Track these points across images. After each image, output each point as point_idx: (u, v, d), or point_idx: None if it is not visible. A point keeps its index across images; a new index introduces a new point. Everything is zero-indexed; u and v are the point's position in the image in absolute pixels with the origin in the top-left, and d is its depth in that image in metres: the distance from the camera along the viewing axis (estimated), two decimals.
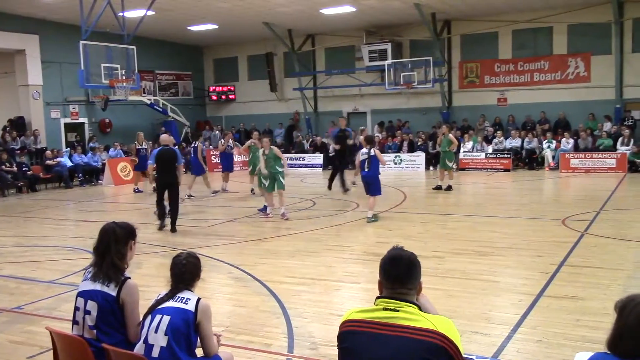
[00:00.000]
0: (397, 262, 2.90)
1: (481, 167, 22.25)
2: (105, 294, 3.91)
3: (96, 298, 3.91)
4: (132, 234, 4.16)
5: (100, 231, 4.10)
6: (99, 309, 3.89)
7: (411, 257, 2.92)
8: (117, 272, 3.98)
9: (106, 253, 4.00)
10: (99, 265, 4.01)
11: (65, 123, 24.83)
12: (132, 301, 3.95)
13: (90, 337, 3.89)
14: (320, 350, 5.38)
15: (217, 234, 11.47)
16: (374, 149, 11.99)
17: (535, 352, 5.24)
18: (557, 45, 23.69)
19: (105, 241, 4.03)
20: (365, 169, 11.91)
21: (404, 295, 2.83)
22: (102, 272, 3.97)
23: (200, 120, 30.91)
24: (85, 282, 4.03)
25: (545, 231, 10.59)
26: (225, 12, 22.82)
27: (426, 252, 8.96)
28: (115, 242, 4.02)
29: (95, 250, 4.07)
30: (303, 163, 25.59)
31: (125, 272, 4.03)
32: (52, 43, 23.20)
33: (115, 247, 4.01)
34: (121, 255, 4.03)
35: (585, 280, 7.19)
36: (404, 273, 2.87)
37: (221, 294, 7.49)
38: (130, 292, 3.94)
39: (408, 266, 2.89)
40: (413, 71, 24.39)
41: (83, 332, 3.92)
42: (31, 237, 11.83)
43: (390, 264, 2.90)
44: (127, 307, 3.94)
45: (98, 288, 3.94)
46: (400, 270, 2.87)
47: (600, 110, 22.66)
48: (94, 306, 3.90)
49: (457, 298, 6.81)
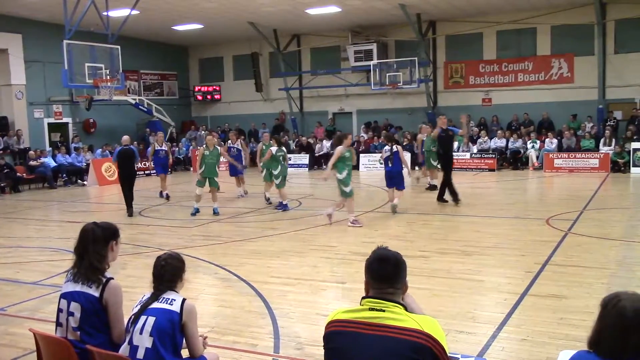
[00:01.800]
0: (383, 262, 2.90)
1: (466, 167, 22.36)
2: (87, 295, 3.87)
3: (79, 299, 3.87)
4: (114, 235, 4.10)
5: (80, 231, 4.06)
6: (82, 310, 3.85)
7: (397, 256, 2.94)
8: (96, 272, 3.92)
9: (84, 254, 3.95)
10: (78, 266, 3.97)
11: (49, 123, 24.60)
12: (115, 302, 3.92)
13: (74, 338, 3.86)
14: (306, 350, 5.38)
15: (202, 234, 11.43)
16: (397, 146, 13.03)
17: (519, 350, 5.29)
18: (541, 46, 23.89)
19: (84, 242, 3.99)
20: (389, 165, 12.85)
21: (390, 295, 2.84)
22: (81, 273, 3.93)
23: (186, 120, 30.78)
24: (67, 283, 3.99)
25: (529, 231, 10.67)
26: (210, 12, 22.75)
27: (412, 252, 9.00)
28: (93, 243, 3.96)
29: (75, 250, 4.03)
30: (289, 163, 25.49)
31: (106, 273, 3.97)
32: (36, 42, 22.98)
33: (93, 247, 3.95)
34: (100, 257, 3.97)
35: (569, 279, 7.25)
36: (391, 273, 2.88)
37: (207, 295, 7.46)
38: (113, 292, 3.91)
39: (395, 266, 2.90)
40: (398, 71, 24.49)
41: (67, 333, 3.89)
42: (14, 238, 11.71)
43: (377, 264, 2.91)
44: (111, 308, 3.90)
45: (80, 289, 3.90)
46: (387, 270, 2.88)
47: (583, 111, 22.89)
48: (77, 307, 3.86)
49: (442, 297, 6.84)
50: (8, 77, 22.86)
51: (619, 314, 2.42)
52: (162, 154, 17.23)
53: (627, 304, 2.44)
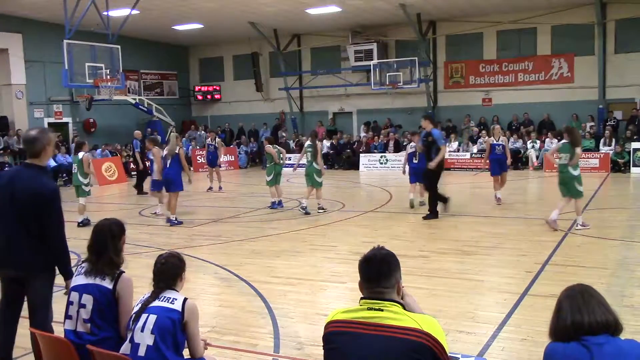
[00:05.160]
0: (369, 262, 2.94)
1: (466, 167, 22.38)
2: (101, 287, 4.00)
3: (92, 291, 3.98)
4: (124, 229, 4.30)
5: (95, 229, 4.19)
6: (95, 302, 3.96)
7: (385, 256, 2.95)
8: (114, 267, 4.09)
9: (103, 250, 4.09)
10: (95, 262, 4.08)
11: (49, 123, 24.55)
12: (127, 294, 4.05)
13: (84, 330, 3.94)
14: (306, 350, 5.39)
15: (203, 234, 11.43)
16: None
17: (519, 350, 5.29)
18: (541, 46, 23.88)
19: (102, 239, 4.13)
20: (414, 161, 13.28)
21: (382, 294, 2.85)
22: (97, 269, 4.05)
23: (186, 120, 30.78)
24: (78, 277, 4.10)
25: (529, 230, 10.68)
26: (210, 12, 22.74)
27: (412, 252, 9.00)
28: (112, 238, 4.14)
29: (90, 248, 4.15)
30: (289, 163, 25.53)
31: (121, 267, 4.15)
32: (36, 42, 22.98)
33: (112, 243, 4.13)
34: (118, 251, 4.15)
35: (569, 279, 7.20)
36: (376, 272, 2.90)
37: (207, 295, 7.47)
38: (126, 285, 4.06)
39: (380, 265, 2.91)
40: (399, 71, 24.48)
41: (76, 326, 3.97)
42: None
43: (364, 264, 2.95)
44: (122, 301, 4.02)
45: (93, 282, 4.02)
46: (372, 269, 2.91)
47: (583, 111, 22.86)
48: (90, 299, 3.97)
49: (442, 297, 6.84)
50: (8, 77, 22.87)
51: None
52: (211, 148, 18.44)
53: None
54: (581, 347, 2.64)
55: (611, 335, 2.69)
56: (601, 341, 2.64)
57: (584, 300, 2.79)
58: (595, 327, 2.68)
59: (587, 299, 2.80)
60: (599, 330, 2.68)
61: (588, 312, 2.72)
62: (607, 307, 2.78)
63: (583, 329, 2.69)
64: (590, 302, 2.77)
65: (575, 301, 2.80)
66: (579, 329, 2.69)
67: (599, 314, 2.72)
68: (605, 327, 2.69)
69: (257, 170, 24.82)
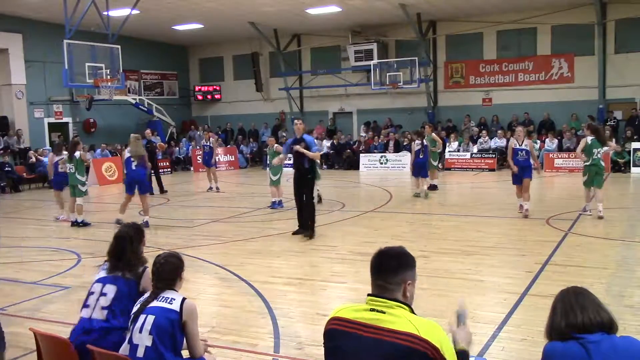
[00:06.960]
0: (380, 254, 2.92)
1: (466, 166, 22.38)
2: (127, 279, 4.21)
3: (116, 282, 4.17)
4: (143, 233, 4.59)
5: (115, 235, 4.44)
6: (118, 291, 4.14)
7: (398, 253, 2.94)
8: (134, 267, 4.29)
9: (122, 255, 4.30)
10: (116, 265, 4.29)
11: (49, 123, 24.60)
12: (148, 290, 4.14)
13: (99, 317, 4.07)
14: (306, 350, 5.39)
15: (203, 234, 11.43)
16: (425, 140, 15.46)
17: (519, 350, 5.29)
18: (541, 46, 23.87)
19: (121, 245, 4.34)
20: (420, 156, 15.21)
21: (384, 289, 2.82)
22: (119, 268, 4.26)
23: (186, 120, 30.79)
24: (101, 272, 4.32)
25: (529, 230, 10.67)
26: (210, 12, 22.74)
27: (412, 252, 8.90)
28: (131, 243, 4.35)
29: (110, 253, 4.36)
30: (289, 163, 25.49)
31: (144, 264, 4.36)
32: (36, 42, 22.97)
33: (130, 247, 4.33)
34: (137, 254, 4.39)
35: (570, 279, 7.23)
36: (383, 265, 2.87)
37: (207, 295, 7.47)
38: (149, 281, 4.16)
39: (389, 259, 2.89)
40: (399, 71, 24.47)
41: (92, 313, 4.10)
42: (14, 238, 11.69)
43: (375, 255, 2.93)
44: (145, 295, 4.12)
45: (118, 275, 4.24)
46: (380, 261, 2.89)
47: (583, 111, 22.84)
48: (113, 289, 4.15)
49: (442, 297, 6.84)
50: (8, 77, 22.86)
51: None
52: (207, 149, 18.63)
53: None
54: (579, 346, 2.70)
55: (607, 333, 2.75)
56: (598, 339, 2.70)
57: (577, 301, 2.86)
58: (590, 326, 2.75)
59: (581, 300, 2.86)
60: (594, 329, 2.74)
61: (582, 312, 2.79)
62: (601, 306, 2.84)
63: (578, 328, 2.76)
64: (584, 303, 2.84)
65: (569, 302, 2.86)
66: (574, 329, 2.76)
67: (593, 314, 2.78)
68: (601, 326, 2.75)
69: (257, 170, 24.83)
